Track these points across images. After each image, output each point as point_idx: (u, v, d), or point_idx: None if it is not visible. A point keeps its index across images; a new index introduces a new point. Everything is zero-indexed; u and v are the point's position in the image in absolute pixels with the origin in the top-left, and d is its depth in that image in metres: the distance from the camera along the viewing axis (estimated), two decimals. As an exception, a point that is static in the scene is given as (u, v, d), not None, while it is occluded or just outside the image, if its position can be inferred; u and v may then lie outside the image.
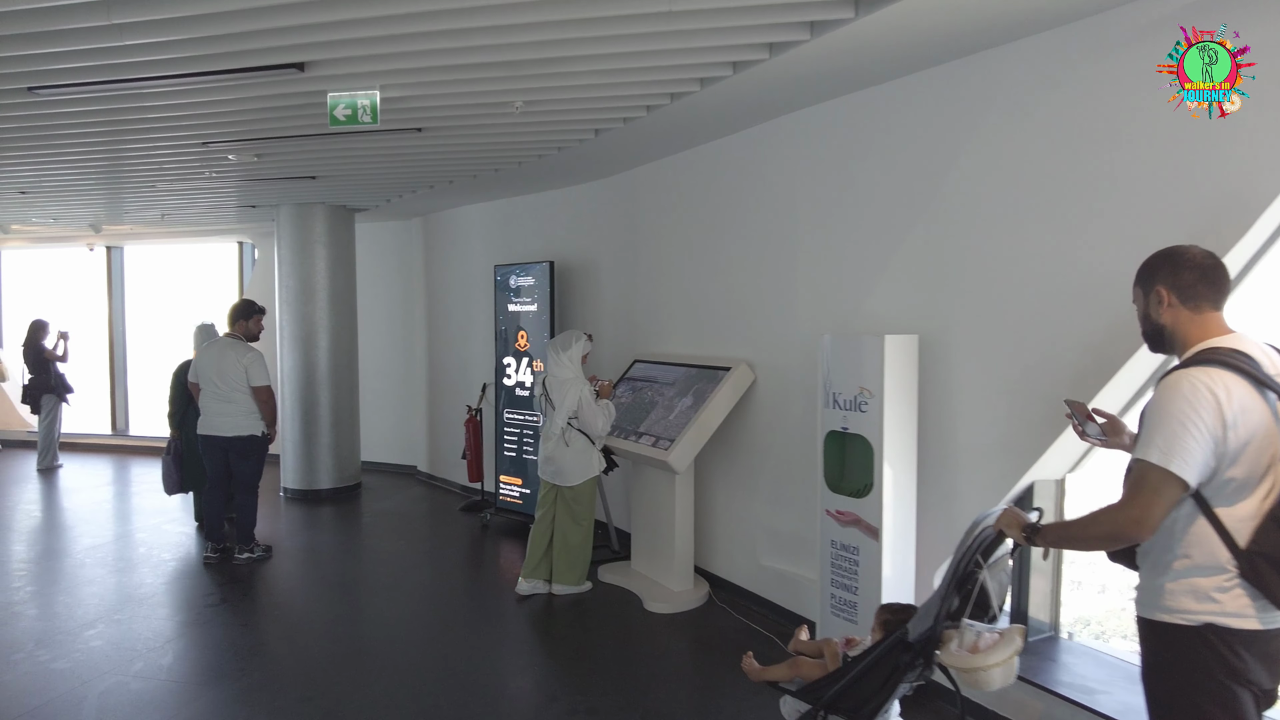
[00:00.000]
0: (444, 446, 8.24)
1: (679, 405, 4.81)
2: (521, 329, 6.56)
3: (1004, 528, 2.22)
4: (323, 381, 7.78)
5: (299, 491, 7.81)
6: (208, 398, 5.60)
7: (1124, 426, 2.35)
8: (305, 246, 7.74)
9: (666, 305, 5.52)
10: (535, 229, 7.00)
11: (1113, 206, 2.97)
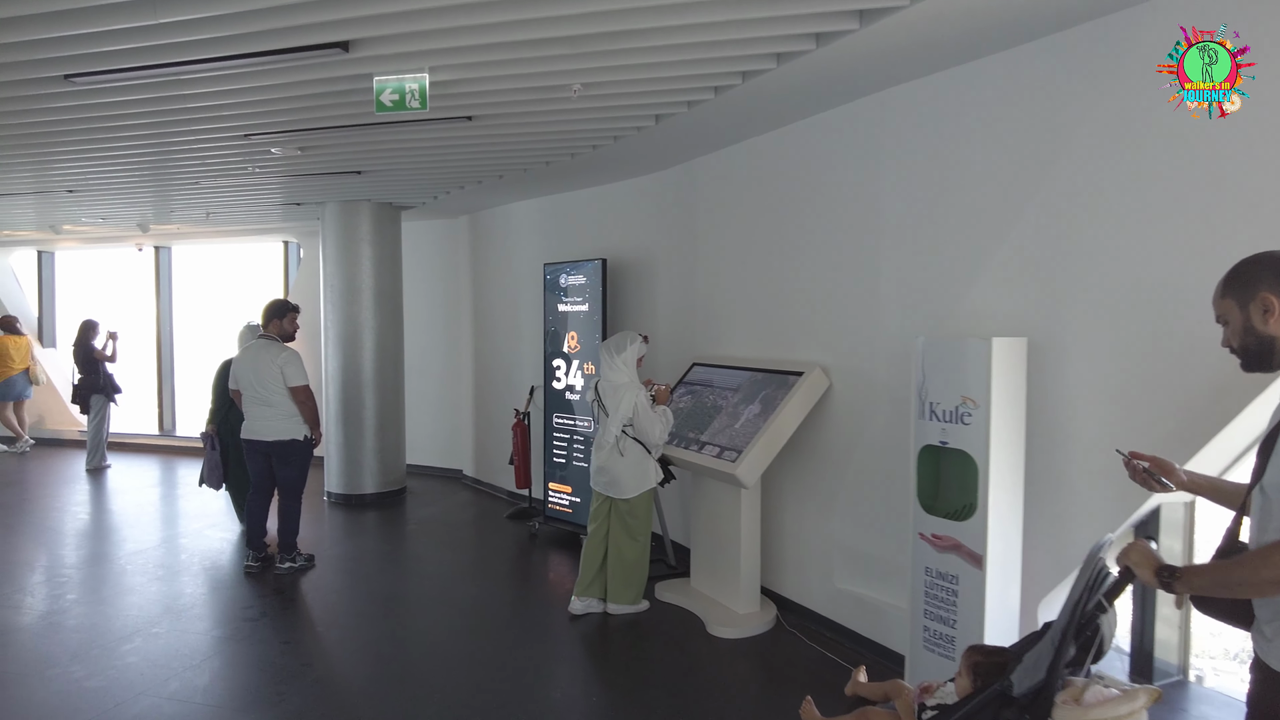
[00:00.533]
0: (491, 451, 7.98)
1: (745, 413, 4.45)
2: (572, 330, 6.26)
3: (1133, 566, 1.84)
4: (367, 383, 7.58)
5: (343, 496, 7.61)
6: (248, 401, 5.40)
7: (1173, 466, 2.08)
8: (350, 245, 7.55)
9: (728, 304, 5.16)
10: (586, 225, 6.69)
11: (1273, 197, 2.53)
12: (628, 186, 6.25)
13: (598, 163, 5.67)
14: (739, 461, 4.14)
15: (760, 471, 4.21)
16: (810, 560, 4.52)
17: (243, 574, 5.44)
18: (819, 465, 4.43)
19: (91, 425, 9.15)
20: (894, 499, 3.90)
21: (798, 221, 4.54)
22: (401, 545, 6.32)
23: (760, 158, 4.83)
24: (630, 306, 6.25)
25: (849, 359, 4.21)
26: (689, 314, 5.60)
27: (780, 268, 4.67)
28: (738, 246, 5.05)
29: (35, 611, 4.74)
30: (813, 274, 4.43)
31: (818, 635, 4.36)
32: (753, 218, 4.91)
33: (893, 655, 3.91)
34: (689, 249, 5.58)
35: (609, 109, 4.30)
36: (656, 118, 4.47)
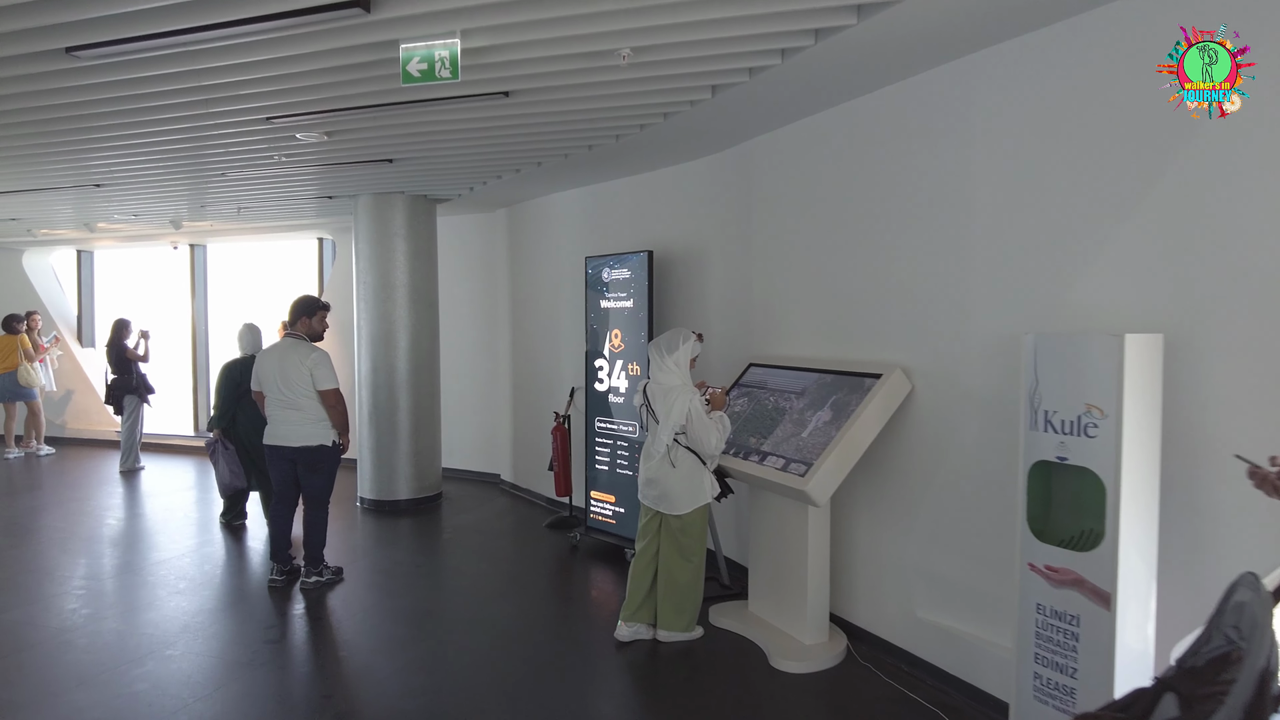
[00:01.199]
0: (529, 455, 7.59)
1: (813, 420, 3.97)
2: (615, 328, 5.83)
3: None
4: (402, 384, 7.24)
5: (376, 502, 7.28)
6: (272, 405, 5.04)
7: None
8: (384, 240, 7.21)
9: (789, 299, 4.68)
10: (631, 216, 6.26)
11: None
12: (675, 173, 5.80)
13: (644, 146, 5.23)
14: (809, 476, 3.66)
15: (834, 488, 3.73)
16: (886, 585, 4.02)
17: (266, 588, 5.11)
18: (898, 479, 3.93)
19: (125, 426, 8.98)
20: (989, 520, 3.39)
21: (871, 205, 4.04)
22: (435, 556, 5.95)
23: (827, 135, 4.34)
24: (678, 302, 5.80)
25: (933, 359, 3.71)
26: (744, 310, 5.13)
27: (851, 257, 4.18)
28: (801, 234, 4.57)
29: (48, 628, 4.45)
30: (890, 263, 3.93)
31: (895, 670, 3.86)
32: (818, 202, 4.42)
33: (990, 700, 3.41)
34: (744, 239, 5.11)
35: (661, 78, 3.85)
36: (713, 89, 4.01)
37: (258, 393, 5.19)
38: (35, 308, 11.22)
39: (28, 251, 11.31)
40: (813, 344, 4.47)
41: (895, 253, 3.89)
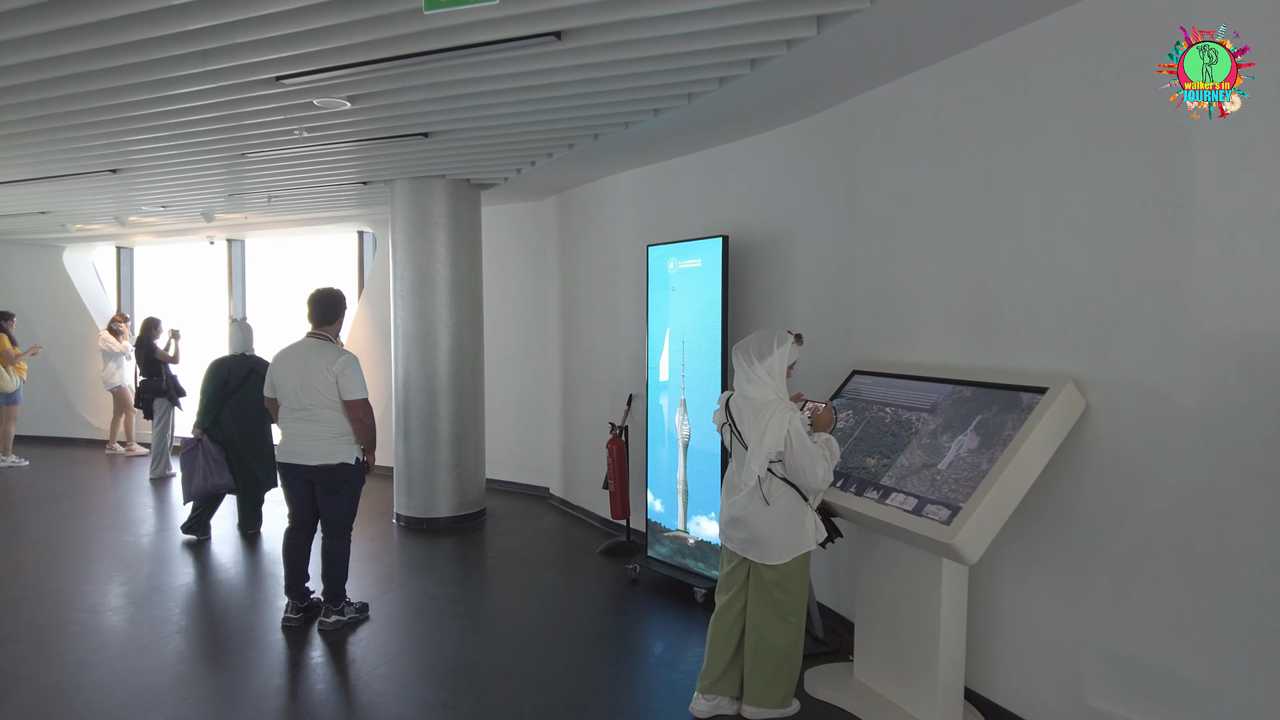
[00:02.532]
0: (581, 469, 6.80)
1: (953, 447, 3.07)
2: (682, 326, 4.99)
3: None
4: (443, 389, 6.52)
5: (414, 520, 6.58)
6: (287, 416, 4.34)
7: None
8: (423, 229, 6.50)
9: (910, 290, 3.78)
10: (702, 197, 5.41)
11: None
12: (754, 145, 4.93)
13: (718, 111, 4.39)
14: (958, 526, 2.77)
15: (989, 540, 2.82)
16: (1043, 659, 3.10)
17: (280, 627, 4.42)
18: (1065, 525, 3.00)
19: (155, 431, 8.46)
20: (1209, 588, 2.47)
21: (1026, 170, 3.13)
22: (475, 589, 5.19)
23: (960, 84, 3.44)
24: (759, 296, 4.94)
25: (1124, 368, 2.78)
26: (843, 304, 4.25)
27: (1003, 235, 3.26)
28: (928, 209, 3.67)
29: (27, 680, 3.80)
30: (1056, 243, 3.01)
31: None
32: (948, 170, 3.52)
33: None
34: (844, 218, 4.22)
35: (751, 7, 3.00)
36: (819, 19, 3.14)
37: (271, 400, 4.48)
38: (74, 305, 10.89)
39: (68, 249, 10.97)
40: (942, 347, 3.57)
41: (1066, 227, 2.97)
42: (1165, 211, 2.61)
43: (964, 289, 3.45)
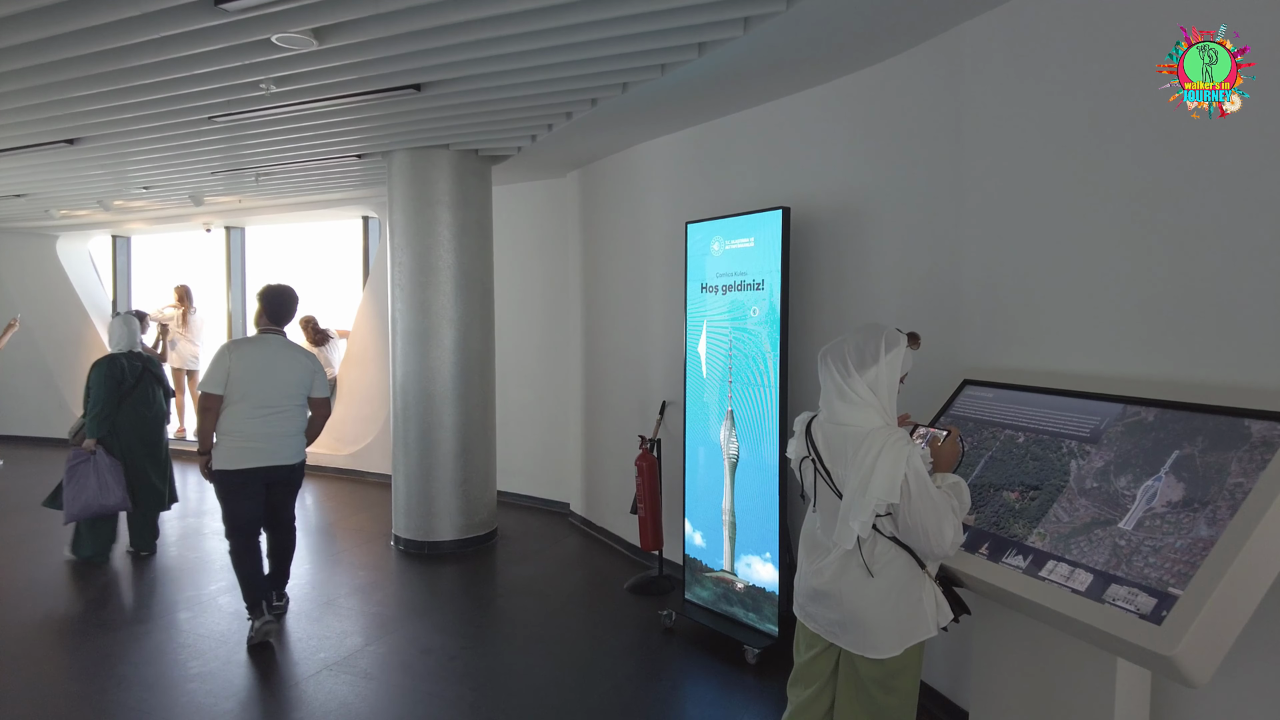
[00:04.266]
0: (606, 485, 5.91)
1: (1141, 495, 2.12)
2: (730, 320, 4.07)
3: None
4: (446, 394, 5.65)
5: (414, 544, 5.72)
6: (259, 415, 4.07)
7: None
8: (424, 208, 5.63)
9: (1048, 279, 2.83)
10: (754, 162, 4.46)
11: None
12: (820, 96, 3.99)
13: (780, 46, 3.45)
14: (1179, 630, 1.80)
15: (1226, 649, 1.86)
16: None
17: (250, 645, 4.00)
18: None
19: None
20: None
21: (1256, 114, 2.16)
22: (477, 637, 4.31)
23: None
24: (827, 283, 4.00)
25: None
26: (946, 295, 3.30)
27: (1212, 200, 2.30)
28: (1074, 171, 2.71)
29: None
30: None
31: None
32: (1121, 107, 2.55)
33: None
34: (943, 184, 3.27)
35: None
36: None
37: (214, 397, 3.99)
38: (68, 296, 10.21)
39: (61, 237, 10.29)
40: (1099, 352, 2.61)
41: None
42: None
43: (1138, 280, 2.48)
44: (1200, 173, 2.27)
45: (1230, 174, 2.20)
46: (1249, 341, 2.18)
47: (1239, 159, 2.16)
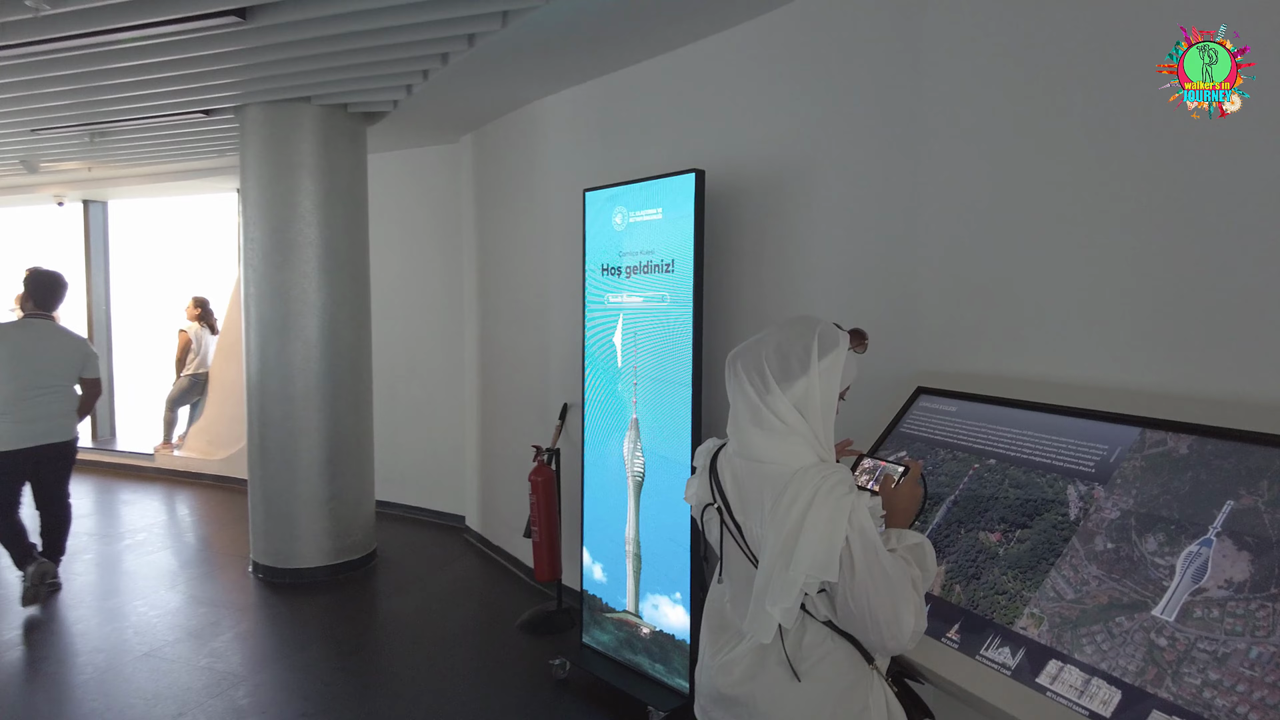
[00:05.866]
0: (503, 498, 5.14)
1: (1183, 564, 1.46)
2: (634, 311, 3.34)
3: None
4: (310, 394, 4.78)
5: (273, 572, 4.85)
6: (34, 395, 4.25)
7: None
8: (281, 173, 4.73)
9: (1030, 258, 2.17)
10: (668, 121, 3.72)
11: None
12: (746, 36, 3.26)
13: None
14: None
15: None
16: None
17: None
18: None
19: None
20: None
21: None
22: (330, 698, 3.48)
23: None
24: (755, 265, 3.29)
25: None
26: (900, 279, 2.63)
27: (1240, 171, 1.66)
28: (1056, 126, 2.05)
29: None
30: None
31: None
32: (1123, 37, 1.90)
33: None
34: (894, 144, 2.60)
35: None
36: None
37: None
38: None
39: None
40: (1102, 356, 1.96)
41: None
42: None
43: (1163, 257, 1.84)
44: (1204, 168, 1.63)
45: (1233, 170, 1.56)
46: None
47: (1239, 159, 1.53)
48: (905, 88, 2.54)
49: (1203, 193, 1.79)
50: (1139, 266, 1.88)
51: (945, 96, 2.40)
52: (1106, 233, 1.95)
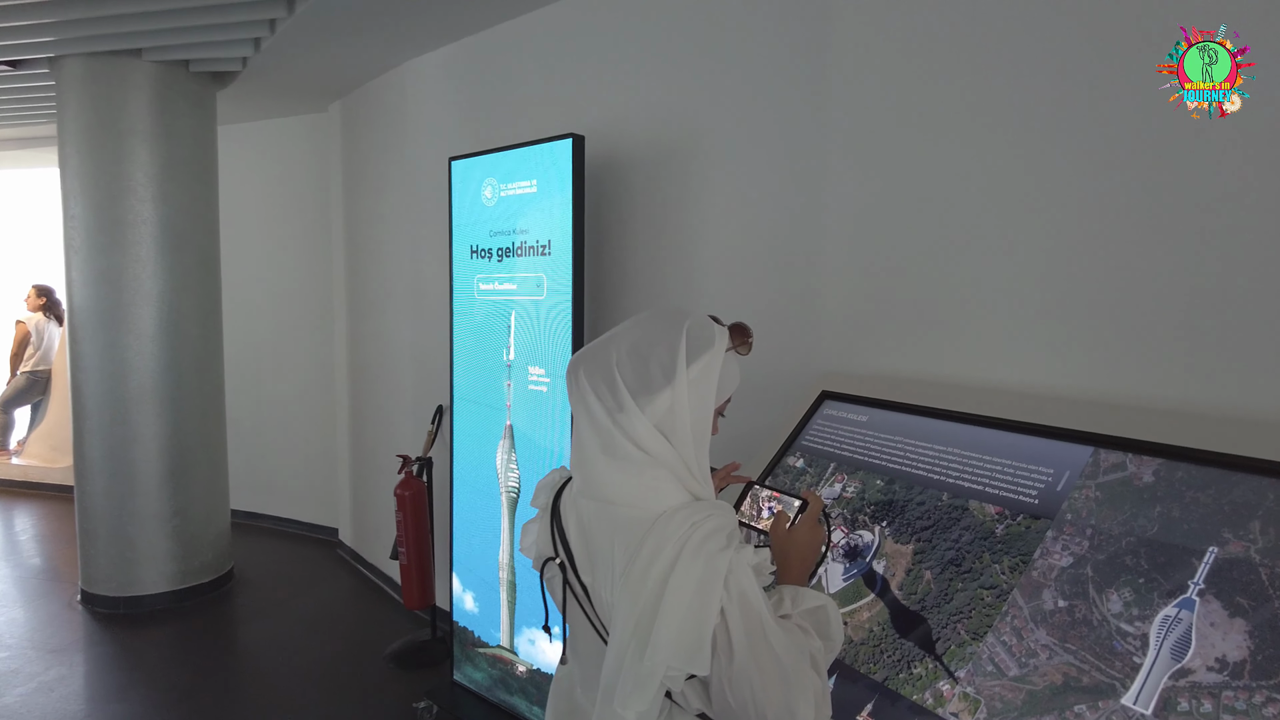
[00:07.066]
0: (376, 509, 4.59)
1: (1163, 639, 1.12)
2: (507, 301, 2.88)
3: None
4: (146, 395, 4.13)
5: (107, 601, 4.19)
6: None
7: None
8: (107, 140, 4.06)
9: (962, 243, 1.82)
10: (545, 84, 3.26)
11: None
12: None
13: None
14: None
15: None
16: None
17: None
18: None
19: None
20: None
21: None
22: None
23: None
24: (645, 248, 2.87)
25: None
26: (800, 263, 2.25)
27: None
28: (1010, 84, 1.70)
29: None
30: None
31: None
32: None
33: None
34: (798, 107, 2.22)
35: None
36: None
37: None
38: None
39: None
40: (1042, 359, 1.62)
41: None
42: None
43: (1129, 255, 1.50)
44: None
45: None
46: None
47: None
48: (811, 43, 2.16)
49: (1202, 192, 1.47)
50: (1102, 257, 1.55)
51: (859, 51, 2.03)
52: (1061, 217, 1.61)
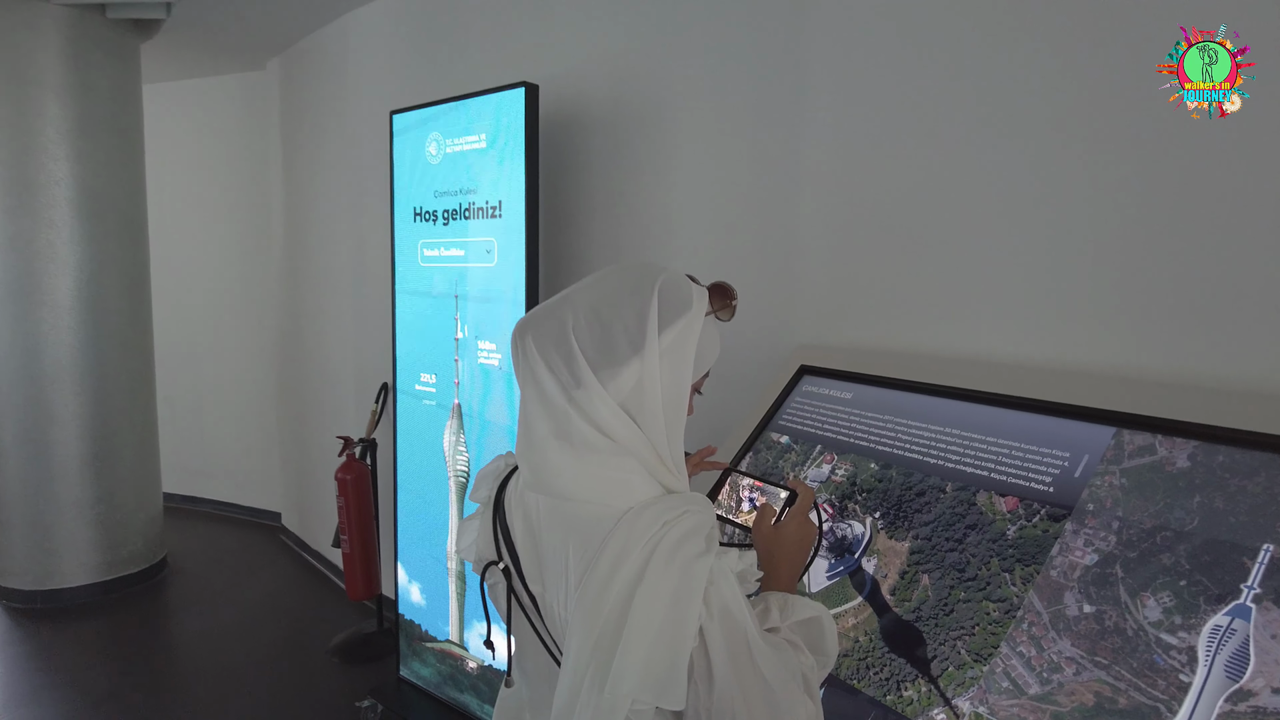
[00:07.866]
0: (319, 493, 4.33)
1: (1213, 654, 0.96)
2: (455, 268, 2.64)
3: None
4: (63, 372, 3.80)
5: (23, 595, 3.89)
6: None
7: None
8: (11, 92, 3.68)
9: (950, 203, 1.64)
10: (497, 32, 3.00)
11: None
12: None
13: None
14: None
15: None
16: None
17: None
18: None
19: None
20: None
21: None
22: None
23: None
24: (605, 210, 2.64)
25: None
26: (777, 222, 2.05)
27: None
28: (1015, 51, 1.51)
29: None
30: None
31: None
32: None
33: None
34: (774, 53, 2.01)
35: None
36: None
37: None
38: None
39: None
40: (1051, 332, 1.45)
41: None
42: None
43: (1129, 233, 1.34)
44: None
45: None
46: None
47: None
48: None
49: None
50: (1122, 208, 1.37)
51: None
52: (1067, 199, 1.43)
